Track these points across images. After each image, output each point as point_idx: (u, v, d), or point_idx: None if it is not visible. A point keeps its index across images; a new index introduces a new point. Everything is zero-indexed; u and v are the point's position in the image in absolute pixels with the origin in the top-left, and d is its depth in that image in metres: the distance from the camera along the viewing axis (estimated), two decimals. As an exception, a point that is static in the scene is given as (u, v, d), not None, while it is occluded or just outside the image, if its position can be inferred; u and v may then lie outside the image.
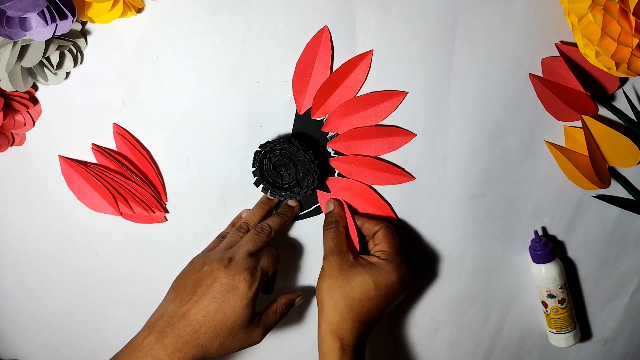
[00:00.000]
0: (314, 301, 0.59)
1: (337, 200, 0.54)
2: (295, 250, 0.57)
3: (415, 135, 0.52)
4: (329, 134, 0.53)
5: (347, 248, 0.52)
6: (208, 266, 0.48)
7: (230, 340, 0.47)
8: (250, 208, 0.55)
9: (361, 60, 0.50)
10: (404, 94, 0.51)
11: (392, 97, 0.51)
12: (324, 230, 0.53)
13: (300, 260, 0.58)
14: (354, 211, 0.55)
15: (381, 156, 0.53)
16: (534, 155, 0.54)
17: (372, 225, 0.53)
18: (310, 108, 0.52)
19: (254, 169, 0.52)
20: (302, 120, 0.52)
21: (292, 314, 0.59)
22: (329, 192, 0.55)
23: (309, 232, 0.56)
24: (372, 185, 0.54)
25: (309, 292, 0.59)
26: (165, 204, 0.56)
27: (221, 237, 0.54)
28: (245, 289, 0.47)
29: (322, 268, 0.52)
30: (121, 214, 0.55)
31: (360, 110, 0.51)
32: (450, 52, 0.50)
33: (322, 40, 0.49)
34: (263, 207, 0.54)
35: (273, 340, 0.61)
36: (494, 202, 0.55)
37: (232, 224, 0.55)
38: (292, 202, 0.54)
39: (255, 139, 0.53)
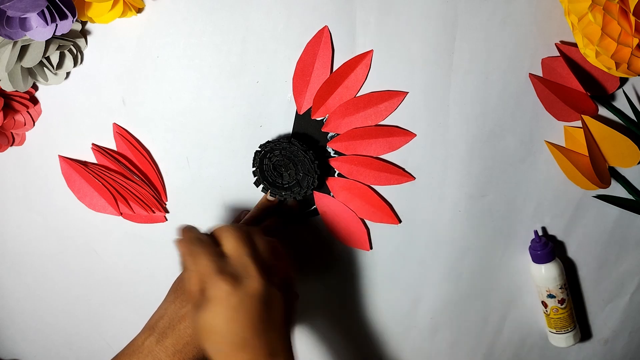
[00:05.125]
0: (314, 301, 0.59)
1: None
2: (295, 250, 0.57)
3: (415, 135, 0.52)
4: (329, 134, 0.53)
5: None
6: None
7: None
8: (250, 208, 0.55)
9: (361, 60, 0.50)
10: (404, 94, 0.51)
11: (392, 97, 0.51)
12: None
13: (299, 260, 0.58)
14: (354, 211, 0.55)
15: (381, 156, 0.53)
16: (534, 155, 0.54)
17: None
18: (311, 108, 0.52)
19: (254, 168, 0.52)
20: (302, 120, 0.52)
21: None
22: (329, 192, 0.55)
23: (308, 232, 0.56)
24: (372, 186, 0.54)
25: (308, 292, 0.59)
26: (165, 204, 0.56)
27: None
28: None
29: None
30: (121, 214, 0.55)
31: (361, 111, 0.51)
32: (450, 52, 0.50)
33: (322, 40, 0.49)
34: (262, 209, 0.54)
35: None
36: (494, 202, 0.55)
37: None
38: (291, 204, 0.54)
39: (255, 139, 0.53)
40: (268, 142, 0.51)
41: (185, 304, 0.47)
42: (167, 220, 0.56)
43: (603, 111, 0.52)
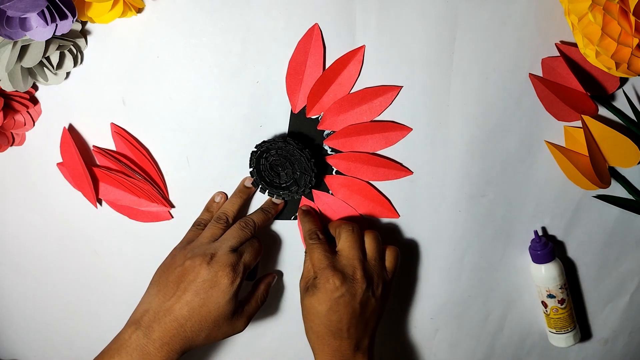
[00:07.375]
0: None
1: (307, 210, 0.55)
2: (295, 248, 0.57)
3: (412, 129, 0.52)
4: (325, 132, 0.53)
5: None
6: (190, 261, 0.48)
7: (216, 332, 0.48)
8: (223, 191, 0.55)
9: (353, 57, 0.50)
10: (398, 88, 0.51)
11: (386, 92, 0.51)
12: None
13: (299, 259, 0.58)
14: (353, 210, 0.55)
15: (380, 157, 0.53)
16: (534, 155, 0.54)
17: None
18: (305, 106, 0.52)
19: (251, 169, 0.52)
20: (298, 119, 0.52)
21: (285, 316, 0.59)
22: (328, 190, 0.55)
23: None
24: (372, 183, 0.54)
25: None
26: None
27: (197, 224, 0.54)
28: (228, 285, 0.48)
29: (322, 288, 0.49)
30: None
31: (355, 107, 0.51)
32: (450, 52, 0.50)
33: (313, 38, 0.49)
34: (241, 196, 0.54)
35: (270, 341, 0.61)
36: (494, 202, 0.55)
37: (207, 209, 0.55)
38: (276, 200, 0.54)
39: (255, 139, 0.53)
40: (264, 142, 0.51)
41: (168, 297, 0.48)
42: (172, 217, 0.56)
43: (603, 111, 0.52)
